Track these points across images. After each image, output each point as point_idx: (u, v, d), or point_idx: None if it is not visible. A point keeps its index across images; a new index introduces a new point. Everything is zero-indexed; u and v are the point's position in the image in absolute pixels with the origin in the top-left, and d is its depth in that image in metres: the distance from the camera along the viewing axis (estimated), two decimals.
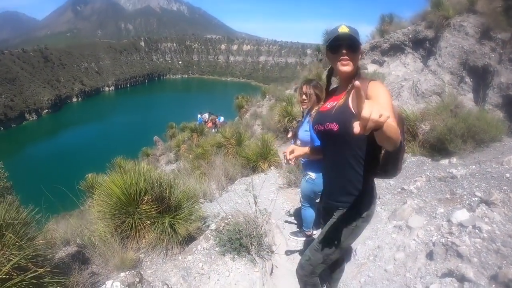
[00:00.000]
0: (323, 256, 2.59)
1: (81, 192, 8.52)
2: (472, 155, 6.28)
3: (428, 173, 5.23)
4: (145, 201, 4.60)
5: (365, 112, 1.52)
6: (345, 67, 2.27)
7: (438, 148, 7.06)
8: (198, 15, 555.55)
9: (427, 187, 4.74)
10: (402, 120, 2.30)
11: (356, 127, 1.56)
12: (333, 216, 2.56)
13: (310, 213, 4.83)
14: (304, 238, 4.99)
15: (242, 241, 3.43)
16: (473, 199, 3.79)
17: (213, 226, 4.01)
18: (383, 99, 2.03)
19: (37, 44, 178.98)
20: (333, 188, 2.54)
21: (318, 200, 3.49)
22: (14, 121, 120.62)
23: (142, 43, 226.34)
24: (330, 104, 2.45)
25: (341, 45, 2.25)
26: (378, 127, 1.57)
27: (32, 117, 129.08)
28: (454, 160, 6.04)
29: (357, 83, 1.55)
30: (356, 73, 2.35)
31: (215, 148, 12.63)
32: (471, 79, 11.13)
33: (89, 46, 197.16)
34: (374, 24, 17.82)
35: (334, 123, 2.26)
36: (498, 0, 11.15)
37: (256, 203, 3.59)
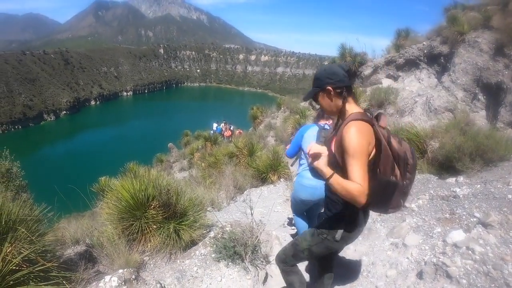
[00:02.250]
0: (294, 251, 2.88)
1: (94, 194, 8.69)
2: (480, 174, 6.24)
3: (432, 192, 5.23)
4: (152, 206, 4.73)
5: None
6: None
7: (446, 166, 7.03)
8: (218, 25, 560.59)
9: (428, 205, 4.75)
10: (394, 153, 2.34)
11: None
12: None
13: (298, 221, 4.82)
14: None
15: (236, 249, 3.57)
16: (472, 219, 3.81)
17: (212, 234, 4.14)
18: (346, 144, 2.18)
19: (58, 47, 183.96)
20: (324, 200, 2.78)
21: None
22: (32, 121, 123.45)
23: (161, 50, 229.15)
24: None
25: None
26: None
27: (50, 118, 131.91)
28: (461, 179, 6.01)
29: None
30: (336, 114, 2.52)
31: (227, 158, 12.73)
32: (484, 96, 11.07)
33: (109, 51, 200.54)
34: (391, 38, 17.86)
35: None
36: None
37: (252, 214, 3.72)
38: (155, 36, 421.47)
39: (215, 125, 28.09)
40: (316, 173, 2.40)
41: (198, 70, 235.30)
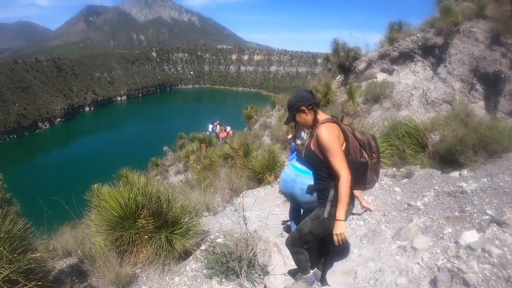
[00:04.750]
0: (300, 235, 3.36)
1: (87, 202, 8.44)
2: (484, 167, 5.97)
3: (437, 187, 4.96)
4: (142, 215, 4.48)
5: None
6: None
7: (448, 159, 6.79)
8: (209, 26, 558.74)
9: (435, 203, 4.47)
10: (365, 141, 3.12)
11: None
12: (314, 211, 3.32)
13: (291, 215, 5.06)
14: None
15: (230, 265, 3.21)
16: (484, 217, 3.54)
17: (203, 246, 3.79)
18: (321, 141, 2.89)
19: (50, 54, 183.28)
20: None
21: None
22: (27, 129, 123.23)
23: (154, 54, 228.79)
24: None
25: None
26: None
27: (45, 126, 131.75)
28: (465, 172, 5.75)
29: None
30: (312, 125, 3.16)
31: (222, 160, 12.46)
32: (482, 86, 10.88)
33: (101, 56, 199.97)
34: (384, 32, 17.65)
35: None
36: (507, 4, 10.94)
37: (246, 224, 3.39)
38: (147, 39, 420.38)
39: (210, 126, 27.85)
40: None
41: (192, 72, 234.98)
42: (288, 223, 5.78)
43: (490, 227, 2.99)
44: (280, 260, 3.92)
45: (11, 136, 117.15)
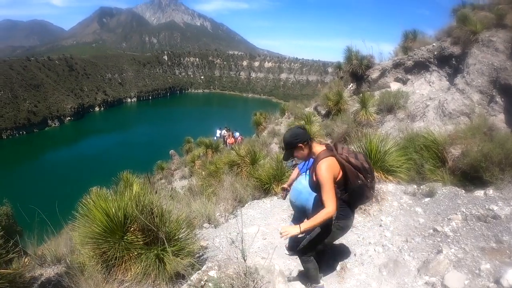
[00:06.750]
0: (309, 244, 3.76)
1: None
2: (511, 186, 5.42)
3: (464, 210, 4.40)
4: (132, 229, 4.01)
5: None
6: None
7: (470, 176, 6.24)
8: (221, 31, 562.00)
9: (465, 229, 3.91)
10: (357, 163, 3.51)
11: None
12: None
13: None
14: None
15: None
16: None
17: (191, 281, 3.12)
18: (318, 177, 3.33)
19: (63, 53, 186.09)
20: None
21: None
22: (36, 126, 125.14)
23: (165, 57, 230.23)
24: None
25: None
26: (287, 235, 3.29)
27: (55, 124, 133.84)
28: (490, 191, 5.20)
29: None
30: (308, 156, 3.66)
31: (227, 167, 11.97)
32: (502, 99, 10.34)
33: (113, 57, 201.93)
34: (396, 42, 17.43)
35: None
36: None
37: (245, 260, 2.75)
38: (159, 42, 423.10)
39: (218, 131, 27.48)
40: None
41: (202, 77, 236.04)
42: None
43: None
44: None
45: (21, 132, 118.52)
